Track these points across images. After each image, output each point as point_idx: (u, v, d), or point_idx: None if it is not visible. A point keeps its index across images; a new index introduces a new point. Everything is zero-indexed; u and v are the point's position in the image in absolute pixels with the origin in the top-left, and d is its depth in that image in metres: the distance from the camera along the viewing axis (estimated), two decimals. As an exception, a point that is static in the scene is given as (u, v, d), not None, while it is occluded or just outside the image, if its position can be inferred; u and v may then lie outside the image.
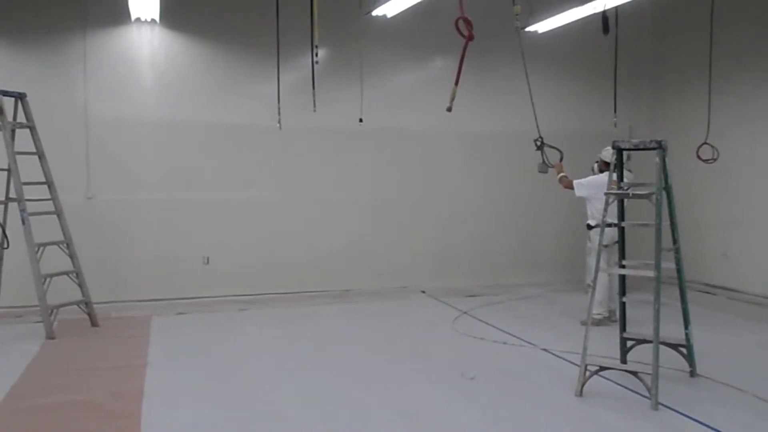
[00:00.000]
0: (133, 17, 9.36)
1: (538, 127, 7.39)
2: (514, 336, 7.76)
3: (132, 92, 9.67)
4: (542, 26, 9.66)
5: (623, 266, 6.30)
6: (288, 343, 7.67)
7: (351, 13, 9.67)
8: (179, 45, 9.82)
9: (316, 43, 8.49)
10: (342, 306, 9.55)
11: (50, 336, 7.72)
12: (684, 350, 6.13)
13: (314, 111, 8.90)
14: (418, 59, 10.65)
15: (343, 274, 10.41)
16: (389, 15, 9.62)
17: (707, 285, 10.12)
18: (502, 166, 10.89)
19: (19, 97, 8.20)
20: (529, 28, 9.65)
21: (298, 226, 10.22)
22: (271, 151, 10.02)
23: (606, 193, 6.10)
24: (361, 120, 9.58)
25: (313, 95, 8.84)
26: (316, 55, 8.59)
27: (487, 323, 8.42)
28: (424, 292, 10.35)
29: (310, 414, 5.44)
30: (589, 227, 8.13)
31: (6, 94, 8.04)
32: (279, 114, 9.01)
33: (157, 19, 9.45)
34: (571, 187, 8.04)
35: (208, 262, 9.91)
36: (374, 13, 9.59)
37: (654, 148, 5.83)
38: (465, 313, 8.98)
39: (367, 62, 10.15)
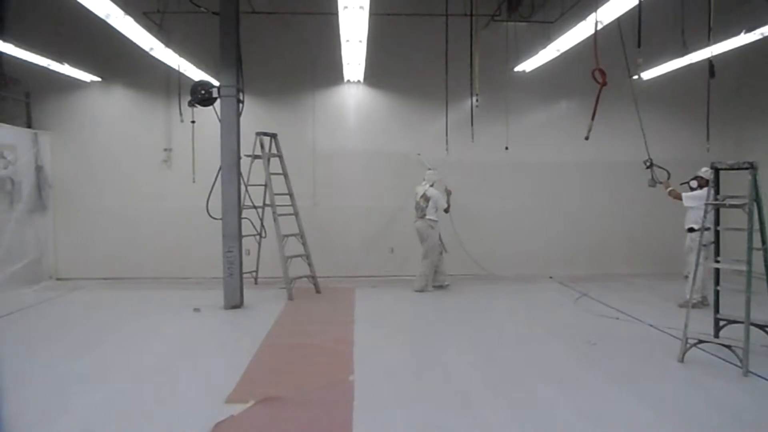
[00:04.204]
0: (345, 80, 9.85)
1: (647, 150, 7.06)
2: (625, 314, 7.42)
3: (343, 131, 10.10)
4: (647, 74, 9.14)
5: (718, 261, 5.93)
6: (449, 310, 7.73)
7: (500, 69, 9.67)
8: (376, 98, 10.14)
9: (476, 91, 8.62)
10: (488, 285, 9.47)
11: (290, 298, 8.21)
12: (769, 330, 5.66)
13: (472, 141, 9.01)
14: (547, 102, 10.37)
15: (488, 261, 10.25)
16: (527, 70, 9.58)
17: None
18: (616, 183, 10.34)
19: (273, 136, 8.80)
20: (636, 76, 9.18)
21: (458, 224, 10.02)
22: (441, 170, 10.02)
23: (706, 204, 5.78)
24: (506, 148, 9.55)
25: (472, 130, 8.94)
26: (476, 100, 8.71)
27: (602, 303, 8.09)
28: (551, 277, 10.09)
29: (468, 363, 5.52)
30: (692, 230, 7.64)
31: (265, 134, 8.69)
32: (447, 143, 9.16)
33: (362, 80, 9.88)
34: (680, 199, 7.61)
35: (392, 252, 10.13)
36: (516, 69, 9.59)
37: (746, 168, 5.46)
38: (585, 294, 8.66)
39: (511, 105, 10.04)
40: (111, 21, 6.48)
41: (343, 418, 4.22)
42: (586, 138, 5.97)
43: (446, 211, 9.08)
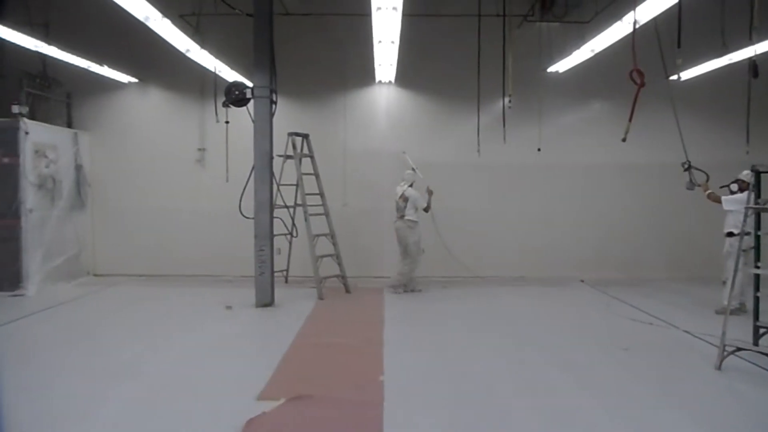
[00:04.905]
0: (376, 80, 9.87)
1: (686, 152, 6.89)
2: (659, 318, 7.25)
3: (374, 132, 10.11)
4: (685, 74, 8.90)
5: (758, 267, 5.76)
6: (477, 313, 7.67)
7: (533, 70, 9.58)
8: (407, 98, 10.14)
9: (508, 92, 8.54)
10: (518, 288, 9.33)
11: (321, 297, 8.26)
12: (813, 339, 5.47)
13: (504, 142, 8.92)
14: (581, 103, 10.20)
15: (518, 264, 10.14)
16: (561, 71, 9.47)
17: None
18: (651, 186, 10.10)
19: (305, 136, 8.89)
20: (674, 76, 8.96)
21: (489, 226, 10.10)
22: (472, 171, 9.97)
23: (746, 208, 5.63)
24: (539, 149, 9.43)
25: (504, 131, 8.82)
26: (509, 101, 8.63)
27: (635, 307, 7.89)
28: (582, 281, 9.88)
29: (497, 365, 5.46)
30: (731, 234, 7.43)
31: (297, 135, 8.78)
32: (478, 144, 9.09)
33: (393, 81, 9.89)
34: (719, 202, 7.39)
35: (423, 252, 9.77)
36: (549, 69, 9.49)
37: (791, 171, 5.30)
38: (616, 298, 8.48)
39: (544, 106, 9.90)
40: (149, 23, 6.63)
41: (373, 417, 4.23)
42: (623, 140, 5.87)
43: (426, 210, 8.95)
